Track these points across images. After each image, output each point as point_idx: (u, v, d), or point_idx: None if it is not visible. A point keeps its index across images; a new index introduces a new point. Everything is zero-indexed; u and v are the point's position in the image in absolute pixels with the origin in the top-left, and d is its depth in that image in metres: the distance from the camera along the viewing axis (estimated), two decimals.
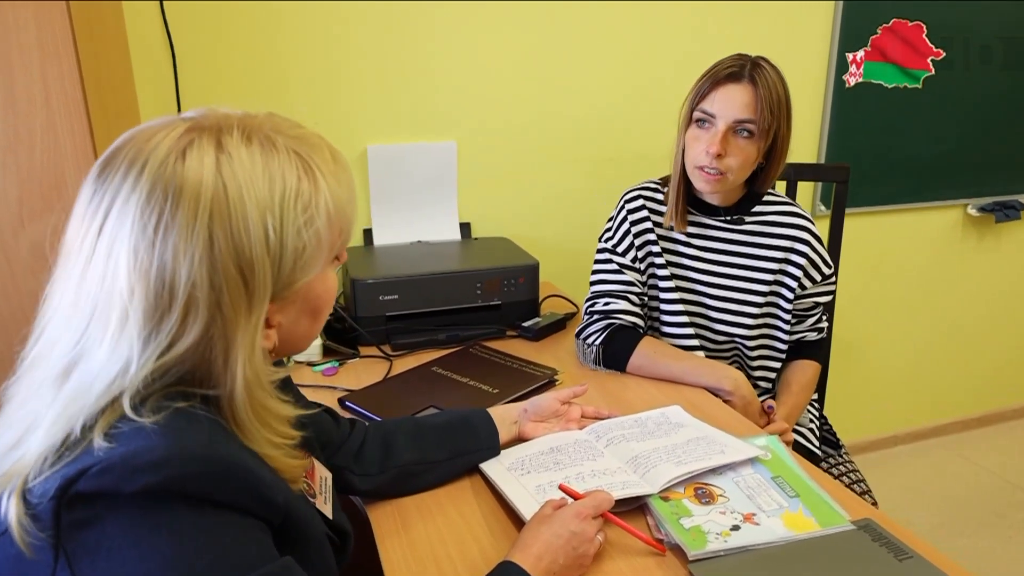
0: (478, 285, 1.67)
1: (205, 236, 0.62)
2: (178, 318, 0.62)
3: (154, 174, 0.63)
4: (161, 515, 0.59)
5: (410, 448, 1.09)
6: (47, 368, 0.64)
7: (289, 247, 0.67)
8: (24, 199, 1.22)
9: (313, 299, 0.74)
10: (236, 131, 0.67)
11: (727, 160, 1.36)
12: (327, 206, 0.70)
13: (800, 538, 0.95)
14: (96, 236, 0.63)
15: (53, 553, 0.58)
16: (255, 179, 0.65)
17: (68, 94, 1.20)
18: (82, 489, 0.57)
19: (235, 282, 0.64)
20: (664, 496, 1.03)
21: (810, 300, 1.53)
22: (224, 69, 1.75)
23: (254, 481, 0.64)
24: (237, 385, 0.66)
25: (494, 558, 0.93)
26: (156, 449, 0.59)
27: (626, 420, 1.25)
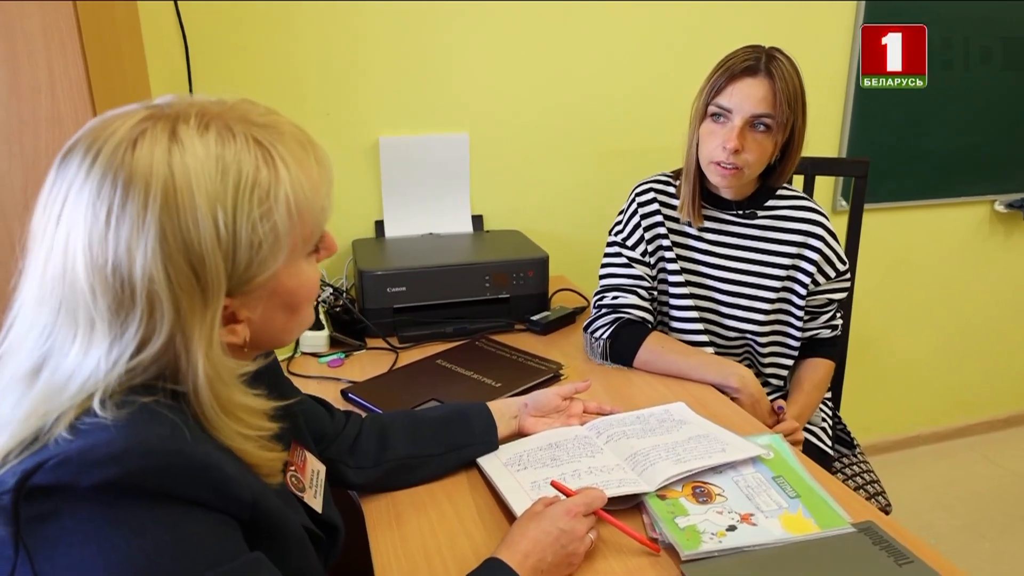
0: (487, 278, 1.65)
1: (156, 228, 0.61)
2: (143, 314, 0.61)
3: (105, 162, 0.61)
4: (120, 510, 0.58)
5: (406, 442, 1.09)
6: (16, 365, 0.63)
7: (243, 241, 0.64)
8: (29, 186, 1.23)
9: (284, 294, 0.71)
10: (194, 119, 0.64)
11: (744, 155, 1.33)
12: (287, 198, 0.66)
13: (797, 540, 0.93)
14: (55, 225, 0.62)
15: (13, 546, 0.57)
16: (206, 169, 0.63)
17: (73, 82, 1.20)
18: (39, 482, 0.56)
19: (187, 277, 0.62)
20: (661, 494, 1.01)
21: (823, 297, 1.49)
22: (237, 62, 1.75)
23: (216, 475, 0.62)
24: (200, 380, 0.64)
25: (484, 553, 0.92)
26: (114, 443, 0.58)
27: (628, 416, 1.23)
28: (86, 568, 0.57)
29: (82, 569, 0.57)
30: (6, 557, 0.57)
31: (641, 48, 2.04)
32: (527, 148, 2.02)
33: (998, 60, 2.38)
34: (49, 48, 1.18)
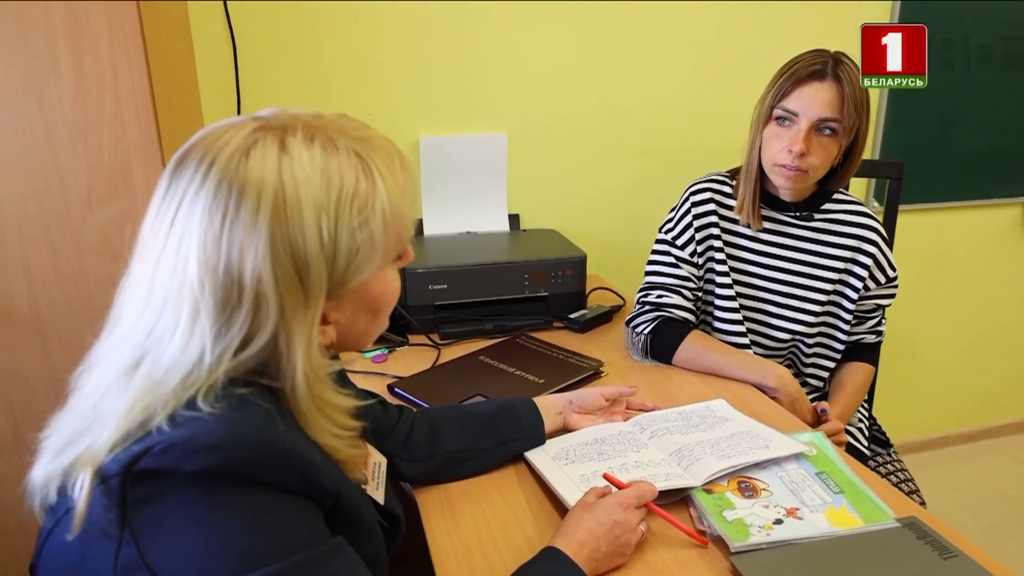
0: (526, 276, 1.69)
1: (267, 232, 0.64)
2: (249, 312, 0.64)
3: (221, 171, 0.65)
4: (219, 494, 0.61)
5: (456, 436, 1.12)
6: (118, 361, 0.66)
7: (343, 248, 0.68)
8: (92, 185, 1.28)
9: (371, 298, 0.75)
10: (300, 131, 0.68)
11: (809, 158, 1.35)
12: (383, 208, 0.70)
13: (843, 534, 0.95)
14: (168, 229, 0.66)
15: (119, 528, 0.60)
16: (313, 179, 0.66)
17: (135, 83, 1.25)
18: (146, 466, 0.60)
19: (292, 279, 0.66)
20: (707, 489, 1.04)
21: (872, 302, 1.52)
22: (283, 63, 1.79)
23: (304, 464, 0.66)
24: (298, 378, 0.68)
25: (537, 543, 0.95)
26: (215, 432, 0.61)
27: (670, 413, 1.25)
28: (187, 547, 0.60)
29: (183, 548, 0.60)
30: (112, 537, 0.61)
31: (677, 48, 2.07)
32: (563, 148, 2.05)
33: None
34: (114, 49, 1.23)
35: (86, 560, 0.63)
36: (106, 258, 1.31)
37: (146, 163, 1.28)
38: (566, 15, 1.95)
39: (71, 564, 0.64)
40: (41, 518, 0.69)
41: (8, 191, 1.24)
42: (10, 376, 1.32)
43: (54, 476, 0.65)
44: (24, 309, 1.30)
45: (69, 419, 0.68)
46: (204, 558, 0.60)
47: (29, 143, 1.23)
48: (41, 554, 0.68)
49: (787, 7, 2.11)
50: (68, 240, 1.28)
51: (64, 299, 1.31)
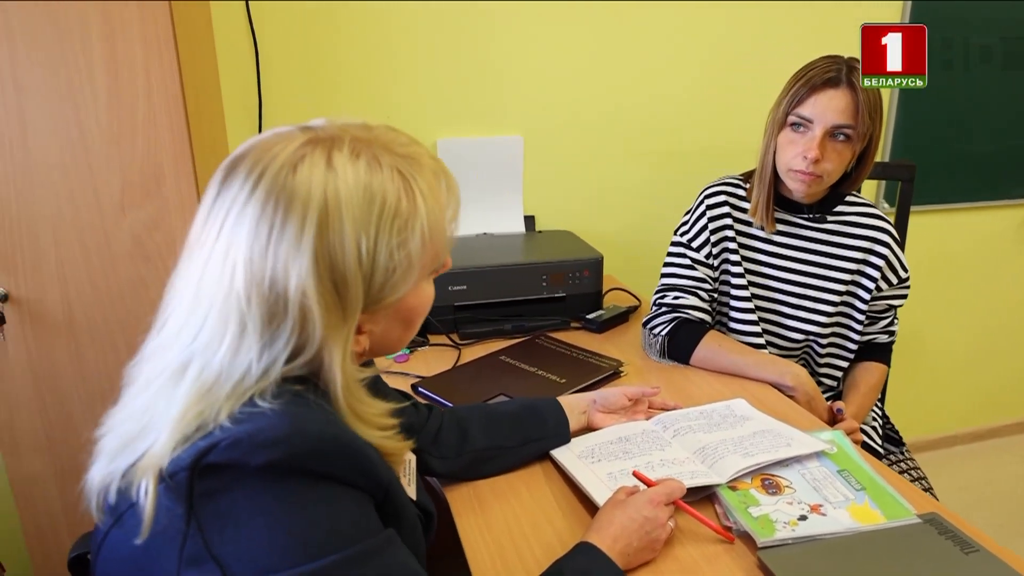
0: (544, 277, 1.71)
1: (310, 250, 0.66)
2: (295, 325, 0.66)
3: (269, 183, 0.67)
4: (283, 487, 0.64)
5: (484, 434, 1.14)
6: (165, 360, 0.68)
7: (380, 267, 0.70)
8: (125, 189, 1.30)
9: (405, 311, 0.77)
10: (347, 146, 0.70)
11: (824, 164, 1.37)
12: (423, 227, 0.72)
13: (867, 529, 0.98)
14: (215, 237, 0.68)
15: (185, 520, 0.63)
16: (355, 197, 0.68)
17: (168, 89, 1.27)
18: (213, 461, 0.62)
19: (331, 295, 0.68)
20: (732, 486, 1.06)
21: (884, 303, 1.54)
22: (303, 65, 1.82)
23: (362, 458, 0.69)
24: (338, 389, 0.70)
25: (567, 539, 0.98)
26: (278, 427, 0.64)
27: (692, 412, 1.28)
28: (253, 539, 0.63)
29: (249, 540, 0.63)
30: (178, 530, 0.63)
31: (690, 50, 2.09)
32: (578, 150, 2.08)
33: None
34: (147, 55, 1.25)
35: (150, 553, 0.65)
36: (137, 260, 1.33)
37: (177, 167, 1.31)
38: (581, 19, 1.97)
39: (134, 558, 0.66)
40: (98, 517, 0.71)
41: (43, 194, 1.26)
42: (43, 377, 1.35)
43: (113, 478, 0.67)
44: (57, 311, 1.32)
45: (123, 420, 0.70)
46: (269, 549, 0.62)
47: (64, 147, 1.26)
48: (100, 550, 0.70)
49: (799, 8, 2.14)
50: (101, 243, 1.31)
51: (96, 301, 1.33)
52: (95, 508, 0.69)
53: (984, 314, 2.72)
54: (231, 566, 0.62)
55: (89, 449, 1.39)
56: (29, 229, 1.27)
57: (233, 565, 0.62)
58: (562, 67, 2.00)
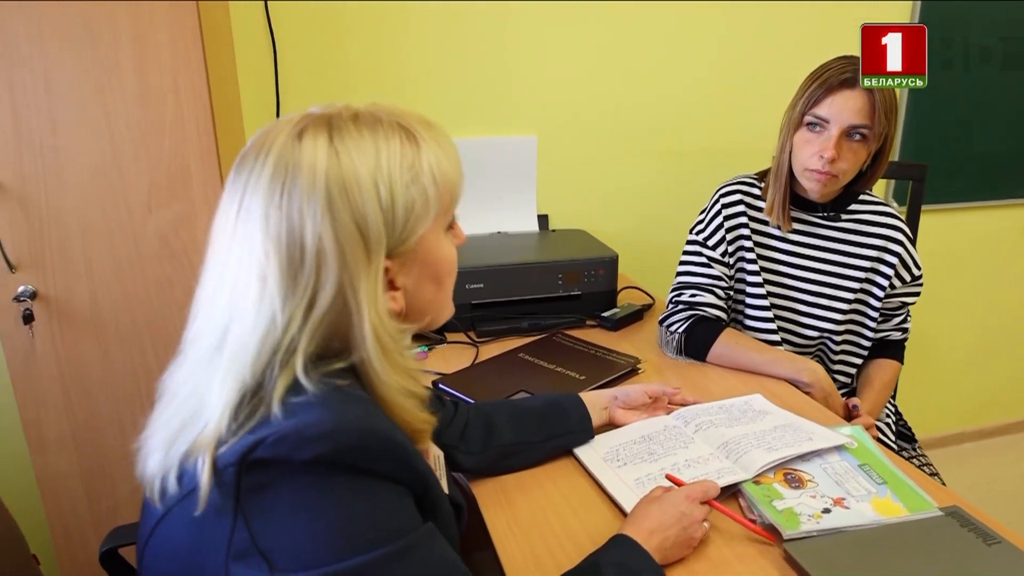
0: (559, 276, 1.73)
1: (324, 195, 0.69)
2: (312, 269, 0.68)
3: (276, 155, 0.70)
4: (327, 482, 0.65)
5: (509, 429, 1.16)
6: (205, 344, 0.70)
7: (399, 202, 0.72)
8: (152, 189, 1.32)
9: (432, 263, 0.79)
10: (344, 114, 0.74)
11: (840, 163, 1.39)
12: (430, 166, 0.75)
13: (890, 522, 1.00)
14: (235, 216, 0.71)
15: (232, 514, 0.64)
16: (363, 148, 0.72)
17: (195, 90, 1.29)
18: (260, 456, 0.64)
19: (353, 235, 0.70)
20: (755, 480, 1.08)
21: (898, 300, 1.56)
22: (320, 65, 1.84)
23: (403, 452, 0.70)
24: (367, 330, 0.71)
25: (593, 531, 1.00)
26: (323, 423, 0.65)
27: (711, 406, 1.29)
28: (298, 533, 0.64)
29: (294, 534, 0.64)
30: (225, 524, 0.64)
31: (704, 51, 2.12)
32: (590, 149, 2.10)
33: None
34: (175, 57, 1.27)
35: (198, 546, 0.66)
36: (163, 258, 1.35)
37: (204, 167, 1.32)
38: (594, 20, 1.99)
39: (182, 551, 0.67)
40: (158, 501, 0.71)
41: (72, 194, 1.28)
42: (70, 374, 1.36)
43: (171, 466, 0.68)
44: (85, 308, 1.34)
45: (172, 411, 0.71)
46: (314, 543, 0.64)
47: (93, 148, 1.27)
48: (149, 542, 0.72)
49: (810, 9, 2.16)
50: (128, 241, 1.33)
51: (123, 298, 1.35)
52: (157, 496, 0.69)
53: (990, 312, 2.74)
54: (277, 560, 0.63)
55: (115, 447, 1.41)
56: (58, 228, 1.29)
57: (279, 559, 0.63)
58: (575, 67, 2.02)
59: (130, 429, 1.42)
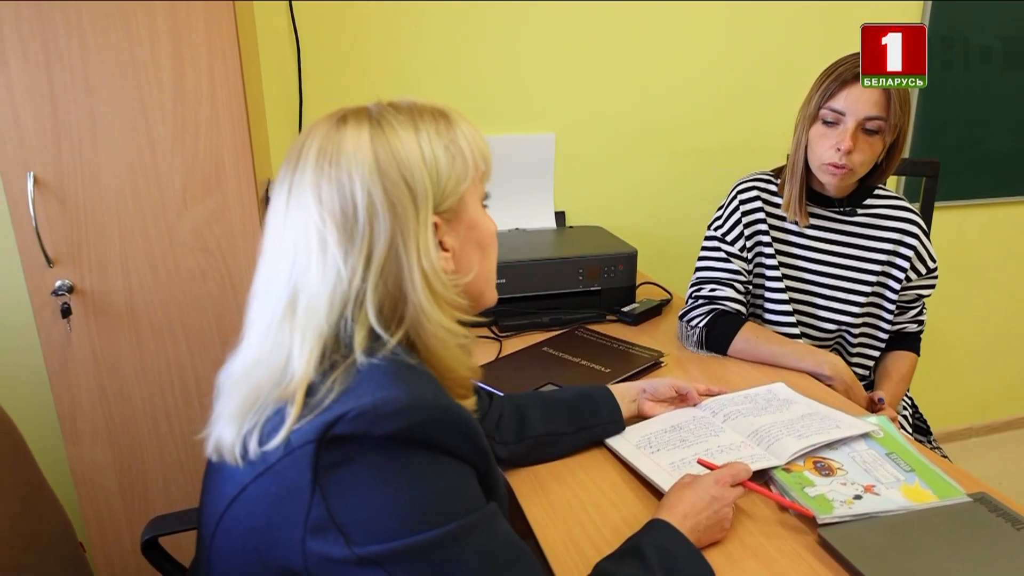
0: (580, 271, 1.75)
1: (371, 157, 0.73)
2: (366, 226, 0.72)
3: (320, 140, 0.75)
4: (402, 458, 0.68)
5: (542, 420, 1.18)
6: (270, 315, 0.74)
7: (440, 160, 0.77)
8: (187, 184, 1.34)
9: (475, 227, 0.82)
10: (381, 103, 0.80)
11: (855, 156, 1.42)
12: (465, 136, 0.80)
13: (921, 508, 1.02)
14: (286, 200, 0.75)
15: (311, 488, 0.66)
16: (402, 122, 0.77)
17: (231, 88, 1.31)
18: (340, 432, 0.66)
19: (401, 189, 0.74)
20: (786, 468, 1.11)
21: (913, 292, 1.59)
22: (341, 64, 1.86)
23: (473, 430, 0.73)
24: (418, 279, 0.74)
25: (629, 517, 1.03)
26: (400, 399, 0.68)
27: (736, 396, 1.32)
28: (373, 507, 0.66)
29: (369, 508, 0.66)
30: (303, 499, 0.66)
31: (720, 49, 2.14)
32: (607, 147, 2.13)
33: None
34: (212, 56, 1.29)
35: (274, 522, 0.68)
36: (197, 253, 1.37)
37: (237, 164, 1.35)
38: (611, 18, 2.02)
39: (259, 526, 0.69)
40: (240, 464, 0.72)
41: (110, 189, 1.30)
42: (105, 367, 1.39)
43: (253, 428, 0.71)
44: (120, 302, 1.36)
45: (247, 383, 0.73)
46: (389, 517, 0.66)
47: (130, 143, 1.29)
48: (223, 517, 0.73)
49: (825, 8, 2.19)
50: (163, 235, 1.35)
51: (157, 292, 1.37)
52: (239, 459, 0.71)
53: (996, 307, 2.77)
54: (352, 533, 0.66)
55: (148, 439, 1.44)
56: (96, 223, 1.31)
57: (354, 533, 0.66)
58: (592, 66, 2.05)
59: (163, 421, 1.44)
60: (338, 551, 0.66)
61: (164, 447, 1.46)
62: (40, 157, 1.26)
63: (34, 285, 1.32)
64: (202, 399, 1.46)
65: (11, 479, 0.93)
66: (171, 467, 1.47)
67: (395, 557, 0.66)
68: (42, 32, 1.21)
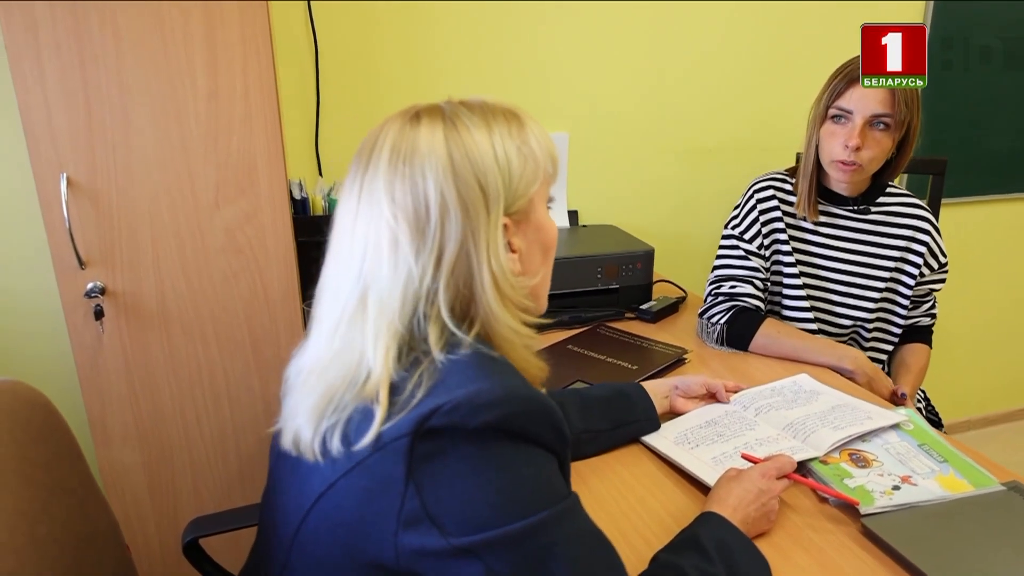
0: (599, 269, 1.77)
1: (445, 158, 0.74)
2: (438, 226, 0.73)
3: (394, 139, 0.76)
4: (492, 449, 0.69)
5: (579, 418, 1.19)
6: (340, 312, 0.74)
7: (513, 162, 0.77)
8: (220, 184, 1.34)
9: (542, 228, 0.83)
10: (452, 101, 0.80)
11: (864, 152, 1.45)
12: (534, 136, 0.80)
13: (959, 497, 1.05)
14: (358, 200, 0.76)
15: (404, 482, 0.67)
16: (476, 123, 0.77)
17: (264, 87, 1.31)
18: (435, 424, 0.67)
19: (475, 191, 0.74)
20: (823, 460, 1.13)
21: (926, 287, 1.63)
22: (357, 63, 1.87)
23: (558, 420, 0.74)
24: (487, 281, 0.75)
25: (675, 510, 1.05)
26: (494, 390, 0.69)
27: (763, 390, 1.35)
28: (467, 498, 0.67)
29: (462, 498, 0.67)
30: (397, 492, 0.67)
31: (731, 49, 2.18)
32: (620, 146, 2.15)
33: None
34: (246, 55, 1.29)
35: (366, 516, 0.69)
36: (229, 254, 1.37)
37: (270, 164, 1.35)
38: (624, 18, 2.04)
39: (350, 520, 0.70)
40: (319, 458, 0.73)
41: (143, 190, 1.30)
42: (136, 369, 1.38)
43: (334, 426, 0.71)
44: (152, 303, 1.36)
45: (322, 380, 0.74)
46: (481, 507, 0.67)
47: (164, 144, 1.29)
48: (310, 513, 0.73)
49: (834, 9, 2.22)
50: (195, 236, 1.34)
51: (188, 293, 1.37)
52: (319, 456, 0.72)
53: (994, 302, 2.83)
54: (447, 525, 0.66)
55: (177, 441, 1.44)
56: (128, 225, 1.31)
57: (448, 524, 0.67)
58: (605, 66, 2.07)
59: (192, 422, 1.44)
60: (433, 543, 0.66)
61: (194, 449, 1.45)
62: (73, 158, 1.26)
63: (66, 287, 1.31)
64: (232, 402, 1.46)
65: (69, 480, 0.93)
66: (200, 469, 1.47)
67: (491, 546, 0.67)
68: (77, 33, 1.21)
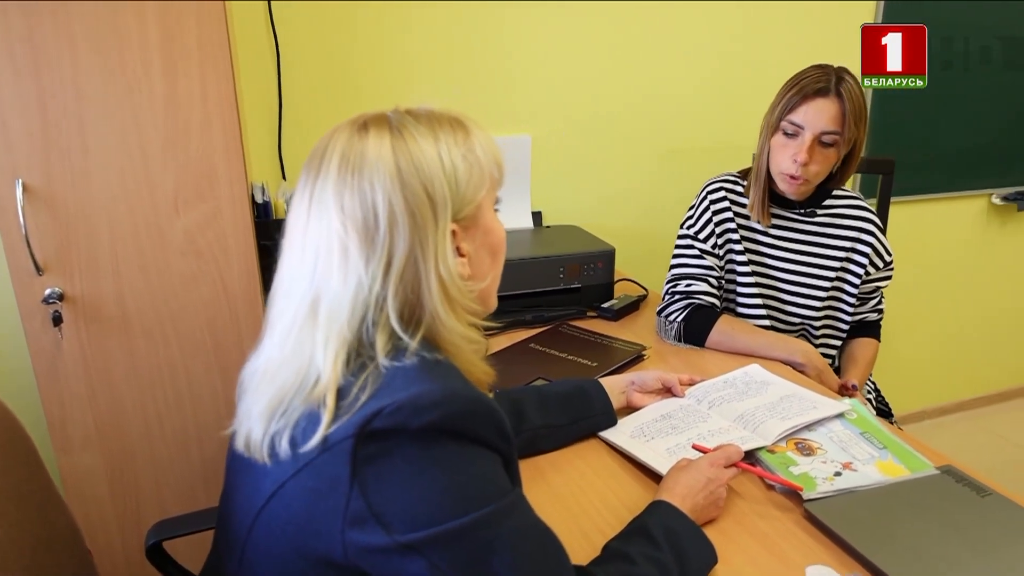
0: (561, 269, 1.81)
1: (392, 167, 0.75)
2: (386, 235, 0.75)
3: (343, 148, 0.78)
4: (437, 448, 0.71)
5: (538, 413, 1.22)
6: (291, 319, 0.76)
7: (459, 169, 0.79)
8: (179, 189, 1.35)
9: (490, 232, 0.85)
10: (399, 110, 0.82)
11: (811, 167, 1.50)
12: (479, 143, 0.82)
13: (895, 481, 1.10)
14: (308, 208, 0.77)
15: (349, 482, 0.69)
16: (422, 131, 0.79)
17: (222, 92, 1.32)
18: (378, 426, 0.69)
19: (422, 199, 0.76)
20: (770, 449, 1.18)
21: (872, 285, 1.69)
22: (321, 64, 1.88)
23: (502, 420, 0.76)
24: (435, 286, 0.77)
25: (630, 502, 1.08)
26: (435, 392, 0.71)
27: (716, 382, 1.39)
28: (410, 497, 0.69)
29: (407, 497, 0.69)
30: (342, 493, 0.69)
31: (694, 53, 2.23)
32: (583, 148, 2.19)
33: (998, 60, 2.60)
34: (203, 60, 1.30)
35: (314, 515, 0.71)
36: (189, 257, 1.38)
37: (229, 168, 1.36)
38: (587, 22, 2.08)
39: (299, 519, 0.72)
40: (268, 461, 0.75)
41: (101, 195, 1.30)
42: (96, 373, 1.38)
43: (283, 429, 0.74)
44: (111, 307, 1.36)
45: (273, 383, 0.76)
46: (424, 505, 0.69)
47: (121, 151, 1.30)
48: (261, 513, 0.76)
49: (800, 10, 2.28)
50: (155, 241, 1.35)
51: (149, 297, 1.38)
52: (267, 457, 0.74)
53: (946, 297, 2.93)
54: (391, 523, 0.69)
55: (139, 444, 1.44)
56: (87, 230, 1.31)
57: (393, 522, 0.69)
58: (569, 69, 2.11)
59: (154, 423, 1.45)
60: (378, 540, 0.68)
61: (155, 449, 1.46)
62: (28, 164, 1.26)
63: (23, 293, 1.31)
64: (194, 403, 1.46)
65: (27, 485, 0.94)
66: (163, 471, 1.48)
67: (434, 542, 0.69)
68: (31, 36, 1.21)
